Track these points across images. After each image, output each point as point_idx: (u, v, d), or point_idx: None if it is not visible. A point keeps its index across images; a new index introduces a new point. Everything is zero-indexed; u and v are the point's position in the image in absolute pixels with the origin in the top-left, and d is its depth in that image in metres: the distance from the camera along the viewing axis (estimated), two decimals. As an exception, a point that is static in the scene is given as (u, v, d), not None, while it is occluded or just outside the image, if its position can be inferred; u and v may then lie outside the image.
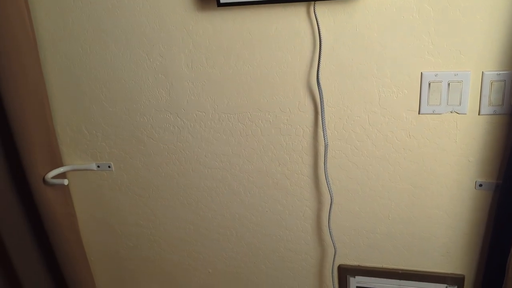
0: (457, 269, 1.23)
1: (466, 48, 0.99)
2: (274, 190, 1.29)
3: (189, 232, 1.43)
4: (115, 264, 1.56)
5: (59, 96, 1.31)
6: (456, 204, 1.15)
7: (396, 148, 1.13)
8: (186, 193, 1.36)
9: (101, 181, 1.42)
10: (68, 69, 1.27)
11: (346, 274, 1.32)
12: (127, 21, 1.17)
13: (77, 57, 1.24)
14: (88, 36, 1.21)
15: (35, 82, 1.25)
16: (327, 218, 1.26)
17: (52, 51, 1.25)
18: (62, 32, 1.22)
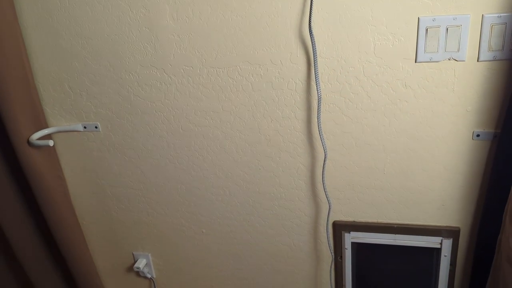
0: (453, 222, 1.22)
1: (466, -10, 0.94)
2: (266, 147, 1.25)
3: (181, 192, 1.40)
4: (107, 226, 1.54)
5: (39, 54, 1.25)
6: (452, 156, 1.12)
7: (391, 100, 1.09)
8: (177, 152, 1.33)
9: (89, 142, 1.37)
10: (47, 24, 1.20)
11: (341, 230, 1.31)
12: (106, -31, 1.10)
13: (55, 10, 1.17)
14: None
15: (13, 39, 1.18)
16: (321, 174, 1.23)
17: (29, 3, 1.18)
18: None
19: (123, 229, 1.54)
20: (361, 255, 1.35)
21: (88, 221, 1.55)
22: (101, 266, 1.65)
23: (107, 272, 1.67)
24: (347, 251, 1.34)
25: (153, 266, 1.60)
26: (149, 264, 1.58)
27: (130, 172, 1.40)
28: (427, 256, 1.29)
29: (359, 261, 1.36)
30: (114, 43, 1.19)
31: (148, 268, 1.59)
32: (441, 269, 1.28)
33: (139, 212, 1.48)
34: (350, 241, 1.32)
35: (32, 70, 1.28)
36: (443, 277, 1.29)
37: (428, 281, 1.33)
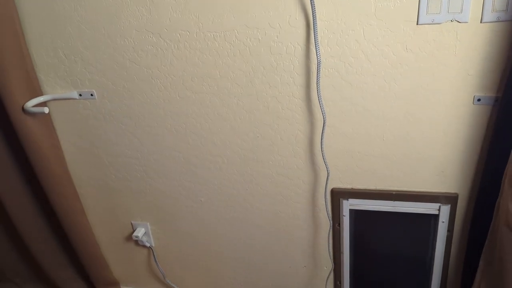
0: (451, 188, 1.22)
1: None
2: (265, 115, 1.24)
3: (179, 161, 1.39)
4: (105, 196, 1.54)
5: (32, 19, 1.22)
6: (453, 121, 1.11)
7: (392, 64, 1.07)
8: (174, 120, 1.31)
9: (84, 110, 1.36)
10: (38, -13, 1.17)
11: (339, 197, 1.31)
12: None
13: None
14: None
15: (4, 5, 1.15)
16: (319, 141, 1.22)
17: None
18: None
19: (121, 198, 1.53)
20: (359, 222, 1.36)
21: (85, 190, 1.54)
22: (100, 235, 1.66)
23: (106, 241, 1.68)
24: (345, 218, 1.34)
25: (152, 235, 1.60)
26: (148, 233, 1.59)
27: (127, 140, 1.39)
28: (425, 223, 1.29)
29: (357, 228, 1.37)
30: (109, 6, 1.16)
31: (147, 237, 1.60)
32: (439, 235, 1.28)
33: (136, 181, 1.47)
34: (348, 208, 1.32)
35: (25, 36, 1.25)
36: (441, 243, 1.30)
37: (426, 247, 1.34)
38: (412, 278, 1.43)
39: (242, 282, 1.66)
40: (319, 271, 1.52)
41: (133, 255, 1.69)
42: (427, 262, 1.37)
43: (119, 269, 1.76)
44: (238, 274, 1.63)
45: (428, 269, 1.39)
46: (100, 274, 1.66)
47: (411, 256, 1.38)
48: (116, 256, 1.71)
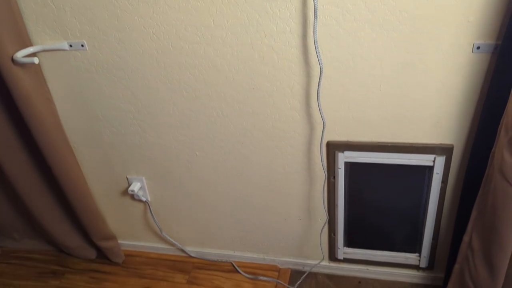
0: (446, 140, 1.22)
1: None
2: (260, 65, 1.21)
3: (173, 114, 1.38)
4: (100, 150, 1.53)
5: (17, -37, 1.17)
6: (451, 70, 1.10)
7: (391, 10, 1.04)
8: (167, 72, 1.29)
9: (76, 62, 1.32)
10: None
11: (335, 150, 1.31)
12: None
13: None
14: None
15: None
16: (316, 92, 1.21)
17: None
18: None
19: (116, 152, 1.53)
20: (354, 174, 1.36)
21: (80, 144, 1.53)
22: (95, 189, 1.66)
23: (102, 195, 1.68)
24: (340, 170, 1.35)
25: (147, 189, 1.61)
26: (144, 188, 1.60)
27: (120, 93, 1.37)
28: (420, 174, 1.30)
29: (352, 181, 1.38)
30: (97, -50, 1.11)
31: (143, 191, 1.60)
32: (433, 186, 1.30)
33: (131, 135, 1.46)
34: (344, 160, 1.33)
35: (11, -17, 1.20)
36: (434, 194, 1.32)
37: (419, 199, 1.36)
38: (405, 229, 1.46)
39: (238, 236, 1.68)
40: (314, 224, 1.54)
41: (129, 209, 1.71)
42: (421, 214, 1.39)
43: (116, 223, 1.78)
44: (234, 228, 1.66)
45: (421, 221, 1.41)
46: (97, 228, 1.68)
47: (405, 207, 1.40)
48: (112, 210, 1.73)
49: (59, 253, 1.87)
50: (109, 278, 1.74)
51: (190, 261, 1.78)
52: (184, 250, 1.78)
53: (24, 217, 1.80)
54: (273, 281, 1.64)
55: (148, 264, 1.78)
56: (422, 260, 1.49)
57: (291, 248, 1.66)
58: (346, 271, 1.64)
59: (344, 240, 1.54)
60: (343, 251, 1.57)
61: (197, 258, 1.78)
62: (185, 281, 1.69)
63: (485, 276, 1.15)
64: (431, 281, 1.56)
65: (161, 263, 1.79)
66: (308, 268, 1.67)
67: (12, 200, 1.74)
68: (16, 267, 1.83)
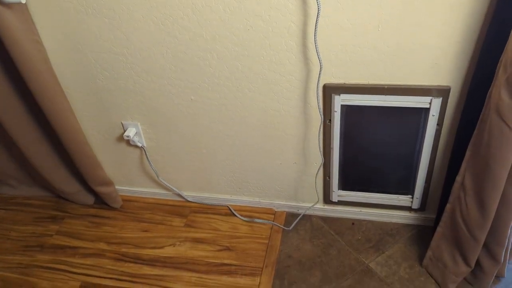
0: (444, 81, 1.21)
1: None
2: (255, 5, 1.17)
3: (167, 57, 1.34)
4: (93, 95, 1.51)
5: None
6: (451, 9, 1.06)
7: None
8: (160, 12, 1.24)
9: (64, 2, 1.27)
10: None
11: (331, 93, 1.30)
12: None
13: None
14: None
15: None
16: (313, 33, 1.18)
17: None
18: None
19: (110, 97, 1.51)
20: (350, 117, 1.36)
21: (72, 89, 1.51)
22: (90, 135, 1.66)
23: (97, 141, 1.68)
24: (336, 113, 1.34)
25: (143, 135, 1.61)
26: (139, 133, 1.59)
27: (112, 35, 1.33)
28: (415, 117, 1.31)
29: (348, 124, 1.38)
30: None
31: (138, 137, 1.60)
32: (428, 128, 1.30)
33: (125, 79, 1.44)
34: (340, 103, 1.32)
35: None
36: (429, 137, 1.33)
37: (414, 141, 1.37)
38: (399, 172, 1.48)
39: (234, 180, 1.70)
40: (309, 167, 1.55)
41: (126, 155, 1.71)
42: (415, 156, 1.41)
43: (112, 169, 1.79)
44: (230, 172, 1.67)
45: (415, 163, 1.43)
46: (94, 174, 1.69)
47: (400, 150, 1.41)
48: (109, 156, 1.73)
49: (58, 199, 1.90)
50: (108, 222, 1.77)
51: (187, 206, 1.81)
52: (181, 195, 1.81)
53: (21, 164, 1.81)
54: (269, 223, 1.68)
55: (146, 209, 1.82)
56: (414, 202, 1.53)
57: (286, 192, 1.69)
58: (340, 213, 1.68)
59: (338, 183, 1.57)
60: (337, 194, 1.60)
61: (194, 203, 1.81)
62: (182, 225, 1.73)
63: (476, 215, 1.18)
64: (423, 222, 1.61)
65: (159, 207, 1.82)
66: (302, 211, 1.71)
67: (7, 147, 1.74)
68: (15, 213, 1.85)
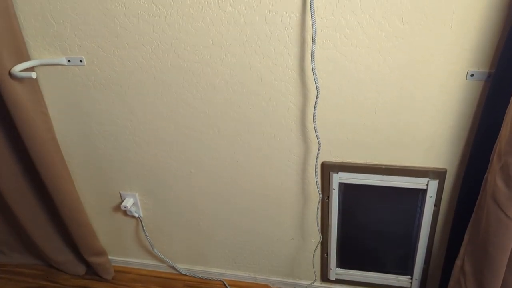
0: (440, 163, 1.24)
1: None
2: (258, 86, 1.22)
3: (170, 131, 1.38)
4: (94, 164, 1.53)
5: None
6: (445, 96, 1.12)
7: (387, 37, 1.07)
8: (165, 89, 1.29)
9: (73, 77, 1.33)
10: None
11: (329, 171, 1.32)
12: None
13: None
14: None
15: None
16: (312, 114, 1.22)
17: None
18: None
19: (110, 167, 1.52)
20: (348, 195, 1.37)
21: (74, 158, 1.53)
22: (87, 204, 1.65)
23: (94, 210, 1.67)
24: (335, 191, 1.35)
25: (140, 206, 1.60)
26: (136, 204, 1.59)
27: (116, 109, 1.37)
28: (413, 197, 1.31)
29: (346, 201, 1.39)
30: (99, -31, 1.12)
31: (136, 207, 1.59)
32: (426, 209, 1.30)
33: (126, 150, 1.46)
34: (338, 181, 1.33)
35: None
36: (427, 218, 1.32)
37: (412, 222, 1.36)
38: (398, 251, 1.46)
39: (229, 254, 1.67)
40: (307, 244, 1.53)
41: (121, 225, 1.69)
42: (413, 236, 1.40)
43: (107, 238, 1.76)
44: (226, 246, 1.65)
45: (414, 243, 1.41)
46: (88, 243, 1.66)
47: (398, 230, 1.40)
48: (104, 225, 1.71)
49: (49, 268, 1.85)
50: (98, 294, 1.72)
51: (180, 279, 1.76)
52: (175, 268, 1.77)
53: (14, 230, 1.78)
54: (265, 301, 1.63)
55: (138, 281, 1.76)
56: (414, 283, 1.49)
57: (283, 268, 1.65)
58: (338, 292, 1.63)
59: (336, 261, 1.54)
60: (335, 272, 1.57)
61: (188, 276, 1.77)
62: (175, 299, 1.67)
63: (477, 301, 1.15)
64: (423, 304, 1.56)
65: (152, 280, 1.77)
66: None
67: (2, 212, 1.72)
68: (5, 282, 1.80)
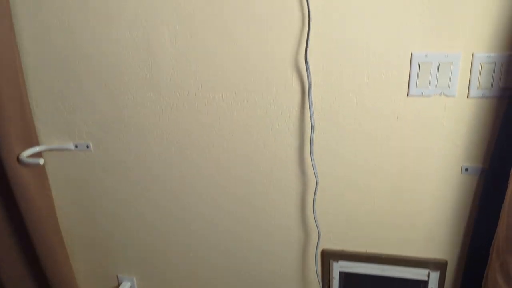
0: (440, 254, 1.23)
1: (457, 29, 0.97)
2: (258, 174, 1.25)
3: (169, 219, 1.39)
4: (93, 247, 1.52)
5: (35, 69, 1.25)
6: (442, 187, 1.14)
7: (383, 131, 1.11)
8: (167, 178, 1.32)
9: (79, 162, 1.36)
10: (45, 39, 1.20)
11: (330, 259, 1.31)
12: (108, -8, 1.11)
13: (55, 26, 1.18)
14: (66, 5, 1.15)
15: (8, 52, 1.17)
16: (311, 202, 1.24)
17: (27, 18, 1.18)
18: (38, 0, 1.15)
19: (109, 250, 1.51)
20: (348, 284, 1.34)
21: (73, 240, 1.52)
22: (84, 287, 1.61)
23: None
24: (335, 280, 1.33)
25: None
26: None
27: (119, 195, 1.39)
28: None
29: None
30: (111, 63, 1.20)
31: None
32: (428, 301, 1.28)
33: (126, 234, 1.46)
34: (339, 270, 1.32)
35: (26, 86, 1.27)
36: (430, 310, 1.29)
37: (415, 314, 1.33)
38: None
39: None
40: (307, 334, 1.48)
41: (117, 309, 1.65)
42: (417, 329, 1.35)
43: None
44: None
45: (418, 336, 1.36)
46: (81, 329, 1.60)
47: (401, 321, 1.36)
48: (99, 310, 1.66)
49: None
50: None
51: None
52: None
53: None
54: None
55: None
56: None
57: None
58: None
59: None
60: None
61: None
62: None
63: None
64: None
65: None
66: None
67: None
68: None
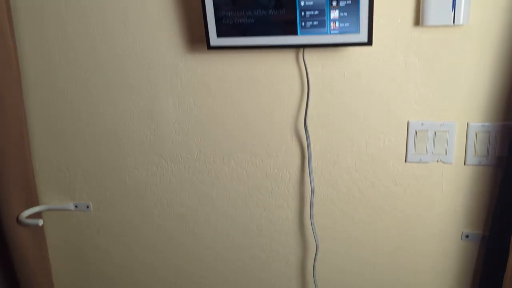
0: (445, 322, 1.20)
1: (452, 99, 1.00)
2: (257, 236, 1.25)
3: (168, 279, 1.36)
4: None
5: (40, 132, 1.27)
6: (442, 253, 1.13)
7: (382, 196, 1.12)
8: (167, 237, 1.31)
9: (78, 221, 1.36)
10: (52, 105, 1.24)
11: (331, 326, 1.27)
12: (114, 60, 1.16)
13: (61, 93, 1.22)
14: (72, 73, 1.19)
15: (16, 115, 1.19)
16: (311, 265, 1.22)
17: (35, 83, 1.22)
18: (47, 66, 1.19)
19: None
20: None
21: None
22: None
23: None
24: None
25: None
26: None
27: (118, 253, 1.37)
28: None
29: None
30: (116, 128, 1.22)
31: None
32: None
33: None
34: (340, 338, 1.28)
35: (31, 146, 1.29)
36: None
37: None
38: None
39: None
40: None
41: None
42: None
43: None
44: None
45: None
46: None
47: None
48: None
49: None
50: None
51: None
52: None
53: None
54: None
55: None
56: None
57: None
58: None
59: None
60: None
61: None
62: None
63: None
64: None
65: None
66: None
67: None
68: None
